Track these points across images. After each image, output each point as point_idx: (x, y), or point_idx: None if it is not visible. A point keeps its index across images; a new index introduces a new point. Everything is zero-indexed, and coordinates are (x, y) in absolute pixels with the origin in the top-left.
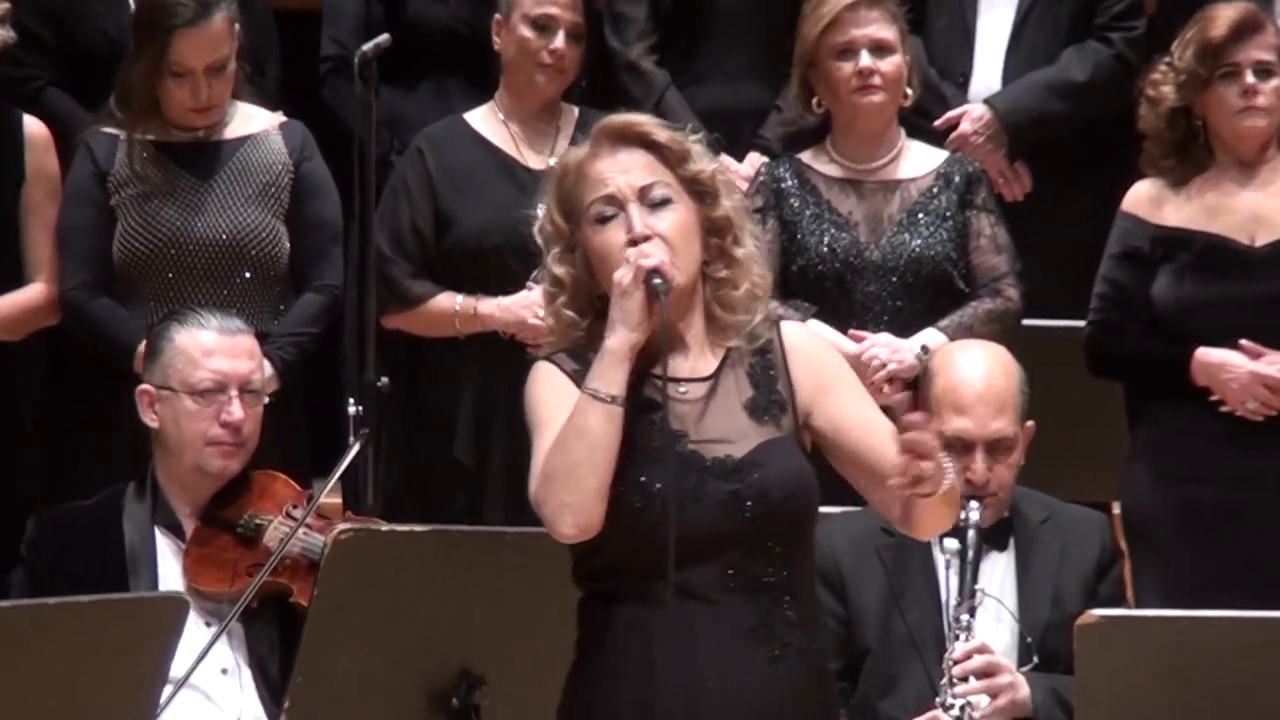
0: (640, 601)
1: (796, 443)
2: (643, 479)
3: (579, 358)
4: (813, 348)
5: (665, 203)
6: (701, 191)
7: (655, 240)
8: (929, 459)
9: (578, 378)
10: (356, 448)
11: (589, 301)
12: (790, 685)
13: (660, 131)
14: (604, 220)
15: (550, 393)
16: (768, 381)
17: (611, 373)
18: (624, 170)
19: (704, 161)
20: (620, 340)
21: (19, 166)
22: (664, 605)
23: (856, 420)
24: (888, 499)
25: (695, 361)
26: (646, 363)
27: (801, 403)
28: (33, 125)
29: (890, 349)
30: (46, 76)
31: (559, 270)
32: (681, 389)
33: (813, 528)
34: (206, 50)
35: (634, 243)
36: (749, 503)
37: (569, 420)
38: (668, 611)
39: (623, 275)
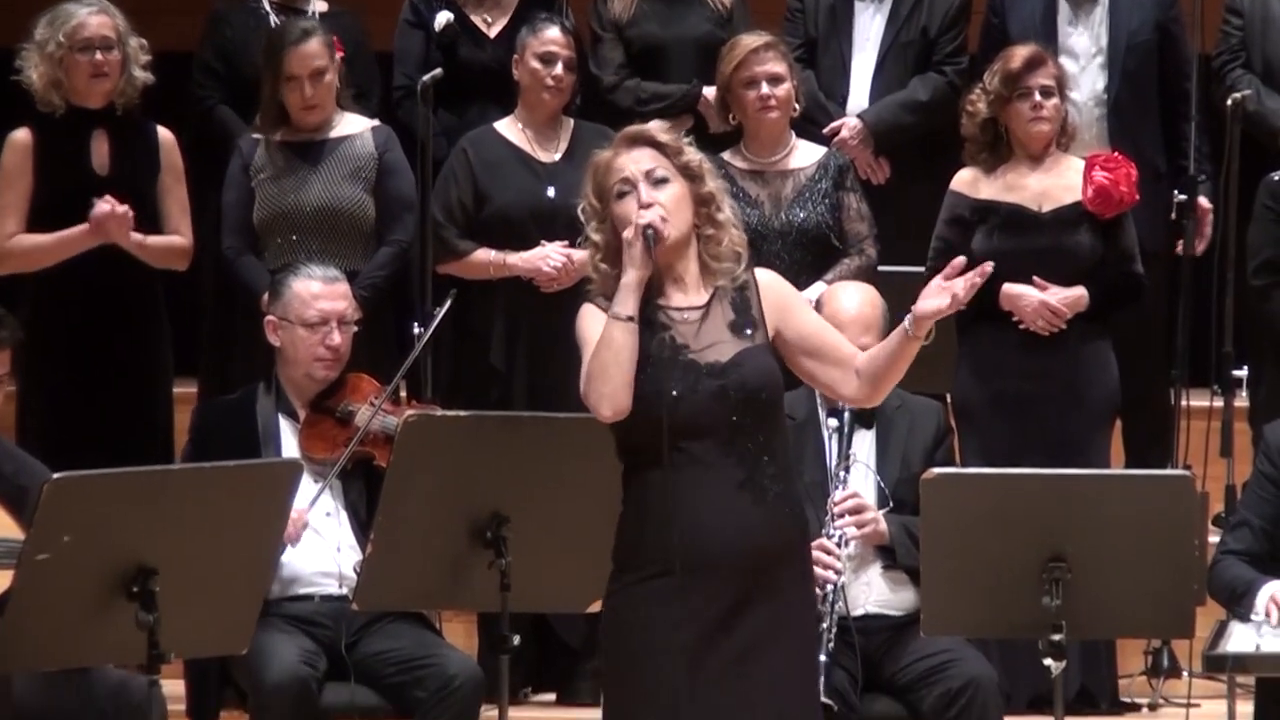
0: (660, 468)
1: (767, 349)
2: (655, 382)
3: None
4: (778, 284)
5: (664, 181)
6: (692, 174)
7: (655, 206)
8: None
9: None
10: (414, 355)
11: (618, 258)
12: (771, 521)
13: (661, 134)
14: (622, 196)
15: (593, 323)
16: (745, 308)
17: (626, 299)
18: (635, 161)
19: (694, 154)
20: (630, 276)
21: (155, 161)
22: (672, 469)
23: (816, 327)
24: (844, 378)
25: (692, 297)
26: (653, 298)
27: (770, 322)
28: (163, 132)
29: None
30: (217, 98)
31: (596, 238)
32: (683, 315)
33: (782, 408)
34: (308, 60)
35: (642, 208)
36: (733, 392)
37: (600, 337)
38: (678, 472)
39: (628, 231)
